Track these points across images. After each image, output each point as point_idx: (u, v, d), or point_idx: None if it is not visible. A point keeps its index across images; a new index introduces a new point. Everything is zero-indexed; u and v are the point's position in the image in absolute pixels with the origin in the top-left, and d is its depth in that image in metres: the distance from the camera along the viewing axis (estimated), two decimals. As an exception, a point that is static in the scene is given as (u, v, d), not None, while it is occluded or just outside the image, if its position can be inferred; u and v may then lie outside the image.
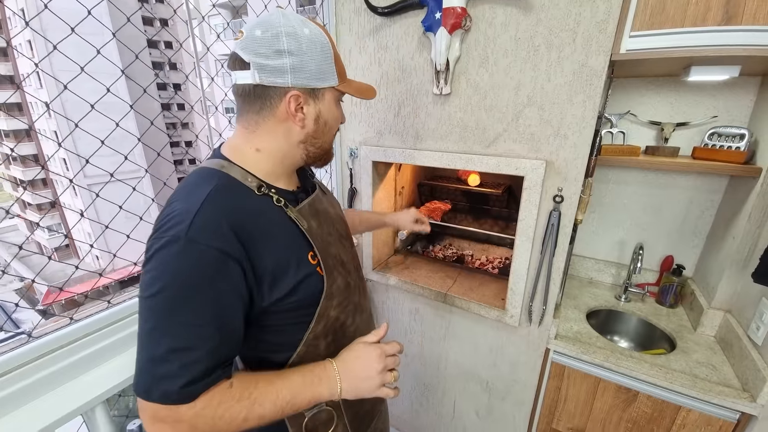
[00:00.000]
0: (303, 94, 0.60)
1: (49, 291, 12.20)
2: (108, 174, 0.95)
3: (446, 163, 1.23)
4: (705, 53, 0.90)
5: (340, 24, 1.33)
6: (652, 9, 0.90)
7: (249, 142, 0.63)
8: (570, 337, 1.26)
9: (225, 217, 0.54)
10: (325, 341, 0.68)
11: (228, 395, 0.53)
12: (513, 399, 1.42)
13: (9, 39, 11.39)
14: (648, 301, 1.51)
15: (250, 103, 0.61)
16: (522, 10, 1.00)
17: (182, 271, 0.50)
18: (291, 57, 0.57)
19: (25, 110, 14.67)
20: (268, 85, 0.58)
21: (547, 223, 1.12)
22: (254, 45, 0.56)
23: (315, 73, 0.60)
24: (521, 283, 1.22)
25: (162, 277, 0.50)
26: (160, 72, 16.29)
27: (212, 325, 0.52)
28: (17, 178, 15.99)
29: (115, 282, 13.64)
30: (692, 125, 1.34)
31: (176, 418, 0.50)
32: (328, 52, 0.61)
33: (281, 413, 0.58)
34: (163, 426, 0.50)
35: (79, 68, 0.82)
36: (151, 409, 0.50)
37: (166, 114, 16.57)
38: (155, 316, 0.50)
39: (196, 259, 0.51)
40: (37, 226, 15.29)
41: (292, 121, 0.62)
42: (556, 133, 1.05)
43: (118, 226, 0.95)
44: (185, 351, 0.50)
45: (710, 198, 1.38)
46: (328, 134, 0.68)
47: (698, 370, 1.11)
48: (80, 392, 0.76)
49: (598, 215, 1.61)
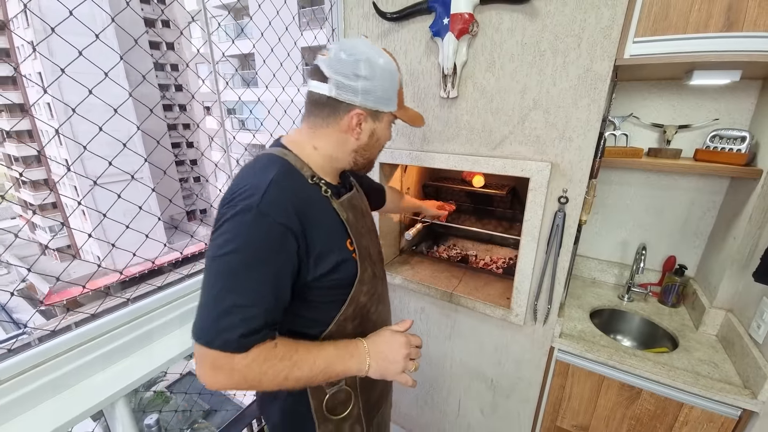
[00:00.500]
0: (365, 113, 0.70)
1: (50, 291, 12.23)
2: (109, 176, 0.95)
3: (453, 165, 1.26)
4: (707, 58, 0.92)
5: (348, 29, 1.36)
6: (655, 16, 0.93)
7: (309, 140, 0.72)
8: (574, 336, 1.29)
9: (288, 198, 0.62)
10: (352, 324, 0.75)
11: (273, 354, 0.61)
12: (518, 397, 1.44)
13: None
14: (650, 301, 1.53)
15: (319, 109, 0.70)
16: (528, 16, 1.03)
17: (253, 239, 0.58)
18: (365, 81, 0.67)
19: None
20: (339, 100, 0.67)
21: (552, 224, 1.15)
22: (337, 65, 0.66)
23: (380, 99, 0.70)
24: (526, 282, 1.24)
25: (235, 240, 0.58)
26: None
27: (270, 289, 0.60)
28: (19, 179, 16.05)
29: (116, 283, 13.69)
30: (694, 128, 1.36)
31: (232, 366, 0.58)
32: (395, 82, 0.72)
33: (314, 379, 0.65)
34: (221, 373, 0.58)
35: (76, 68, 0.83)
36: (212, 357, 0.57)
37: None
38: (224, 275, 0.58)
39: (265, 231, 0.59)
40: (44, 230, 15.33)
41: (349, 133, 0.71)
42: (561, 136, 1.07)
43: (118, 225, 0.98)
44: (246, 307, 0.58)
45: (712, 199, 1.40)
46: (377, 149, 0.79)
47: (700, 367, 1.13)
48: (102, 387, 0.79)
49: (601, 216, 1.63)
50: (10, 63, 13.19)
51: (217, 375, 0.58)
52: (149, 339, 0.90)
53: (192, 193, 18.24)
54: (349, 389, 0.77)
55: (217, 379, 0.58)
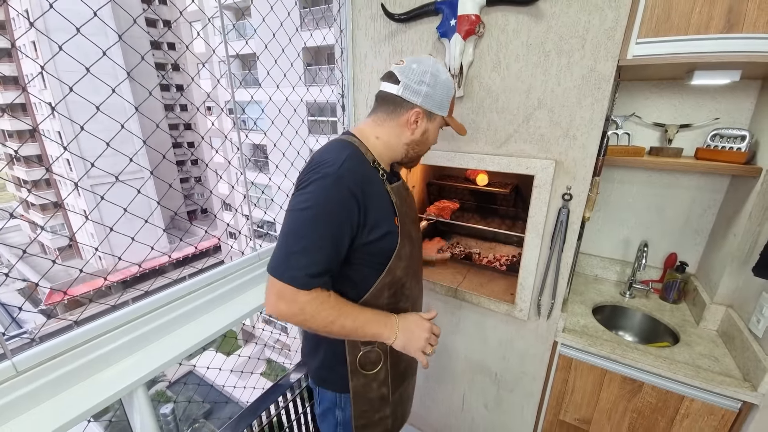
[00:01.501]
0: (423, 113, 0.84)
1: (51, 291, 12.27)
2: (112, 174, 0.98)
3: (459, 163, 1.28)
4: (708, 59, 0.95)
5: (356, 29, 1.38)
6: (657, 17, 0.96)
7: (373, 131, 0.86)
8: (577, 331, 1.31)
9: (358, 171, 0.77)
10: (388, 293, 0.87)
11: (327, 300, 0.76)
12: (521, 391, 1.46)
13: (13, 40, 11.47)
14: (652, 297, 1.56)
15: (386, 104, 0.85)
16: (533, 18, 1.06)
17: (330, 198, 0.72)
18: (427, 87, 0.82)
19: (30, 110, 14.75)
20: (404, 99, 0.82)
21: (556, 220, 1.17)
22: (408, 72, 0.82)
23: (437, 104, 0.85)
24: (530, 278, 1.27)
25: (313, 198, 0.72)
26: (163, 73, 16.40)
27: (332, 242, 0.74)
28: (20, 179, 16.08)
29: (118, 282, 13.71)
30: (695, 127, 1.39)
31: (293, 298, 0.72)
32: (450, 93, 0.88)
33: (353, 333, 0.80)
34: (283, 302, 0.73)
35: (83, 69, 0.82)
36: (279, 287, 0.72)
37: (170, 114, 16.69)
38: (300, 224, 0.72)
39: (340, 193, 0.73)
40: (42, 229, 15.37)
41: (407, 128, 0.85)
42: (565, 134, 1.10)
43: (120, 226, 0.98)
44: (314, 252, 0.72)
45: (712, 197, 1.43)
46: (425, 147, 0.93)
47: (701, 361, 1.16)
48: (121, 376, 0.81)
49: (603, 214, 1.66)
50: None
51: (279, 303, 0.73)
52: (166, 330, 0.93)
53: (193, 192, 18.26)
54: (380, 351, 0.90)
55: (278, 306, 0.73)
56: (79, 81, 0.86)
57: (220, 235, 12.33)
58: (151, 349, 0.88)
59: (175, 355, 0.88)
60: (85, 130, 0.80)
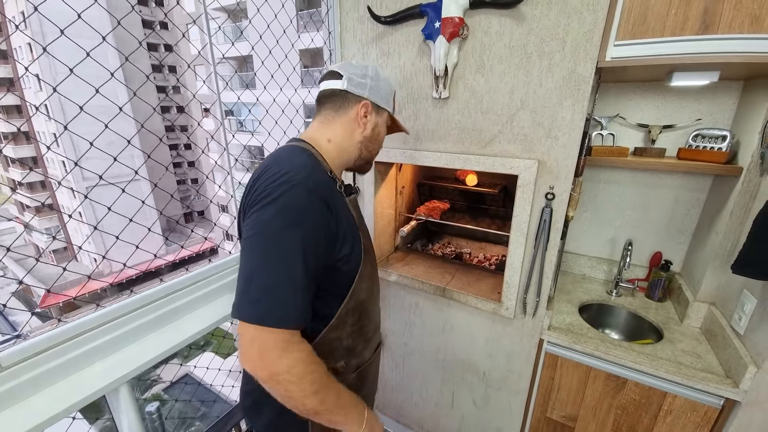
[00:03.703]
0: (372, 105, 0.83)
1: (46, 294, 12.18)
2: (104, 177, 0.96)
3: (445, 163, 1.30)
4: (684, 60, 0.97)
5: (344, 32, 1.40)
6: (634, 20, 0.98)
7: (323, 134, 0.81)
8: (563, 329, 1.33)
9: (324, 182, 0.71)
10: (352, 318, 0.80)
11: (317, 361, 0.65)
12: (509, 389, 1.48)
13: (8, 36, 11.42)
14: (638, 296, 1.58)
15: (332, 102, 0.82)
16: (515, 21, 1.08)
17: (307, 212, 0.64)
18: (371, 80, 0.83)
19: (25, 113, 14.69)
20: (350, 92, 0.81)
21: (539, 219, 1.19)
22: (349, 67, 0.82)
23: (383, 98, 0.86)
24: (516, 276, 1.29)
25: (291, 214, 0.62)
26: (158, 75, 16.38)
27: (315, 263, 0.66)
28: (15, 181, 15.99)
29: (113, 285, 13.62)
30: (678, 128, 1.41)
31: (284, 349, 0.60)
32: (392, 91, 0.90)
33: (326, 412, 0.66)
34: (273, 354, 0.59)
35: (80, 72, 0.84)
36: (262, 336, 0.59)
37: (165, 116, 16.66)
38: (280, 247, 0.61)
39: (316, 206, 0.65)
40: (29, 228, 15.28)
41: (357, 123, 0.82)
42: (547, 135, 1.12)
43: (115, 227, 0.97)
44: (299, 281, 0.62)
45: (696, 196, 1.45)
46: (377, 144, 0.90)
47: (683, 358, 1.17)
48: (105, 373, 0.82)
49: (590, 214, 1.68)
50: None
51: (265, 357, 0.59)
52: (151, 328, 0.93)
53: (189, 194, 18.21)
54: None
55: (264, 361, 0.59)
56: (63, 81, 0.87)
57: (217, 237, 12.29)
58: (136, 347, 0.88)
59: (159, 353, 0.88)
60: (69, 131, 0.81)
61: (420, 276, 1.56)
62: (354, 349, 0.83)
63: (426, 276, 1.56)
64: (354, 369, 0.85)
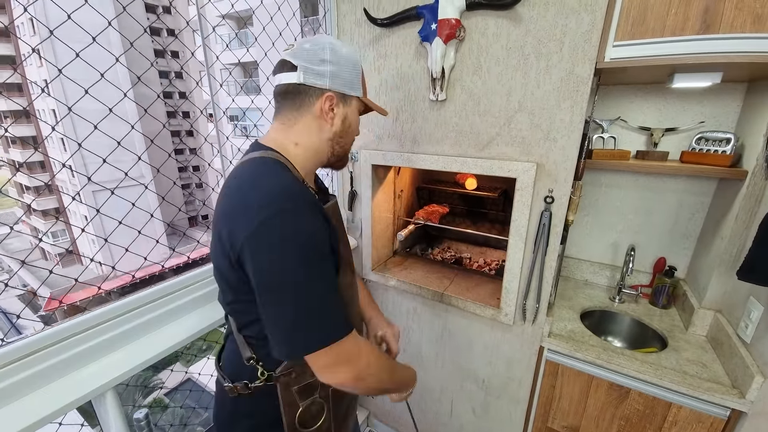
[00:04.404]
0: (336, 96, 0.72)
1: (50, 298, 12.25)
2: (113, 181, 0.98)
3: (442, 166, 1.28)
4: (685, 61, 0.95)
5: (342, 35, 1.39)
6: (633, 20, 0.96)
7: (288, 137, 0.72)
8: (563, 336, 1.29)
9: (310, 196, 0.65)
10: None
11: (375, 347, 0.73)
12: (509, 397, 1.44)
13: (21, 44, 11.59)
14: (641, 302, 1.54)
15: (290, 100, 0.71)
16: (512, 22, 1.06)
17: (312, 234, 0.61)
18: (331, 65, 0.70)
19: (32, 116, 14.90)
20: (309, 85, 0.69)
21: (538, 223, 1.17)
22: (303, 53, 0.69)
23: (347, 82, 0.73)
24: (515, 281, 1.26)
25: (303, 230, 0.59)
26: (165, 80, 16.60)
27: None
28: (23, 185, 16.20)
29: (117, 289, 13.69)
30: (680, 130, 1.38)
31: (354, 352, 0.65)
32: (359, 70, 0.76)
33: (400, 386, 0.82)
34: (345, 364, 0.64)
35: (88, 77, 0.85)
36: (331, 353, 0.61)
37: (171, 122, 16.85)
38: (305, 262, 0.59)
39: (319, 227, 0.62)
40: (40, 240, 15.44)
41: (324, 119, 0.72)
42: (545, 137, 1.10)
43: (121, 233, 0.98)
44: (333, 291, 0.63)
45: (700, 201, 1.42)
46: (350, 136, 0.80)
47: (688, 367, 1.14)
48: (92, 378, 0.80)
49: (592, 218, 1.65)
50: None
51: (339, 369, 0.62)
52: (141, 333, 0.92)
53: (194, 198, 18.33)
54: (322, 401, 0.77)
55: (340, 374, 0.62)
56: (53, 81, 0.87)
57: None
58: (123, 353, 0.87)
59: (147, 359, 0.87)
60: (57, 131, 0.80)
61: (418, 281, 1.53)
62: None
63: (424, 281, 1.54)
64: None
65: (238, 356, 0.71)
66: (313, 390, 0.75)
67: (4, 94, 1.21)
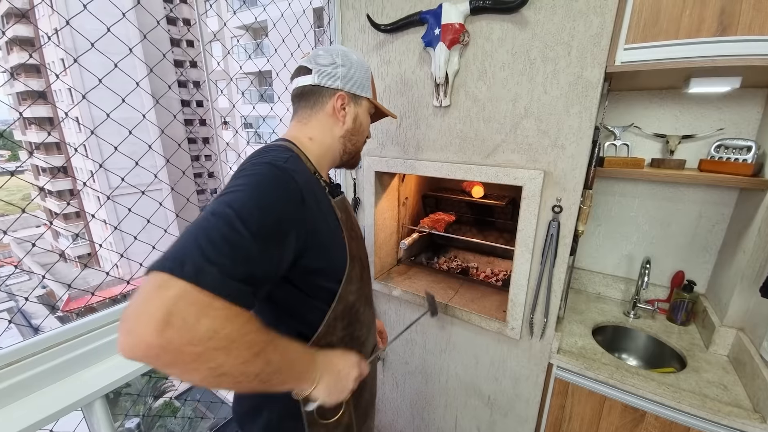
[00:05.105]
0: (348, 96, 0.79)
1: (69, 298, 12.56)
2: (131, 186, 1.00)
3: (446, 173, 1.25)
4: (701, 64, 0.90)
5: (345, 41, 1.39)
6: (645, 22, 0.92)
7: (303, 133, 0.77)
8: (574, 353, 1.23)
9: (305, 175, 0.66)
10: (341, 324, 0.75)
11: (251, 319, 0.51)
12: (515, 415, 1.37)
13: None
14: (658, 318, 1.46)
15: (306, 99, 0.78)
16: (518, 26, 1.03)
17: (273, 185, 0.58)
18: (342, 68, 0.77)
19: (56, 123, 15.50)
20: (323, 86, 0.77)
21: (546, 234, 1.12)
22: (317, 59, 0.77)
23: (358, 84, 0.80)
24: (521, 294, 1.21)
25: (255, 182, 0.57)
26: (182, 89, 17.09)
27: (275, 240, 0.55)
28: (46, 189, 16.78)
29: (131, 292, 13.93)
30: (698, 138, 1.32)
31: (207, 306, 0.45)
32: (368, 74, 0.84)
33: (272, 375, 0.54)
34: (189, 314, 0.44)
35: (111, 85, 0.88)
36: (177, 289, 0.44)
37: (187, 128, 17.29)
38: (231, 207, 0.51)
39: (287, 184, 0.59)
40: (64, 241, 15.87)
41: (336, 117, 0.78)
42: (553, 144, 1.05)
43: (135, 231, 1.03)
44: (247, 248, 0.50)
45: (720, 212, 1.34)
46: (361, 135, 0.86)
47: (708, 389, 1.06)
48: (81, 386, 0.79)
49: (604, 229, 1.58)
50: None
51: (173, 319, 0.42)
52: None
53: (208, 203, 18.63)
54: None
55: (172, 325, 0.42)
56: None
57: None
58: (114, 360, 0.85)
59: (137, 367, 0.85)
60: (51, 135, 0.80)
61: (421, 291, 1.49)
62: None
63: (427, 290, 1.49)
64: None
65: None
66: None
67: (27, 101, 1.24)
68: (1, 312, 11.17)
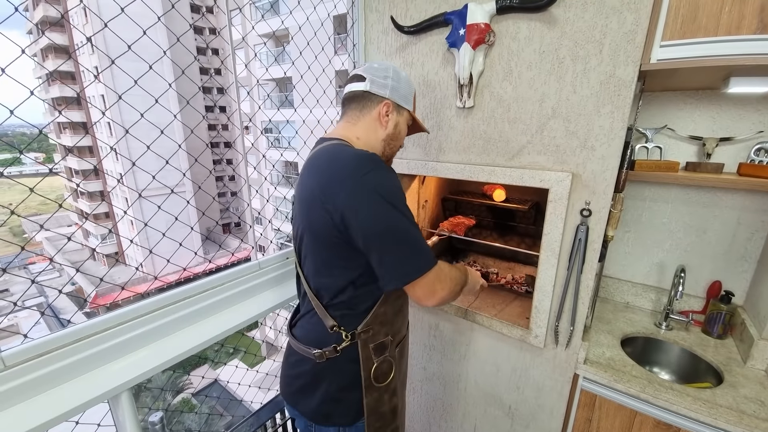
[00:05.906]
0: (392, 105, 0.89)
1: (97, 295, 13.06)
2: (162, 184, 1.06)
3: (468, 175, 1.23)
4: (742, 62, 0.85)
5: (369, 44, 1.39)
6: (683, 18, 0.88)
7: (352, 132, 0.89)
8: (602, 364, 1.18)
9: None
10: (395, 294, 0.88)
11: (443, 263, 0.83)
12: (538, 427, 1.33)
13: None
14: (693, 331, 1.38)
15: (356, 102, 0.89)
16: (546, 24, 1.01)
17: (399, 186, 0.76)
18: (392, 81, 0.89)
19: (90, 131, 16.26)
20: (373, 93, 0.88)
21: (574, 238, 1.08)
22: (371, 70, 0.89)
23: (402, 97, 0.91)
24: (546, 300, 1.17)
25: (395, 194, 0.74)
26: (207, 95, 17.64)
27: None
28: (78, 190, 17.55)
29: (156, 290, 14.39)
30: (737, 140, 1.25)
31: (439, 274, 0.78)
32: (412, 90, 0.96)
33: (472, 285, 1.01)
34: (439, 285, 0.79)
35: (142, 92, 0.92)
36: (428, 277, 0.75)
37: (210, 133, 17.80)
38: (403, 214, 0.74)
39: (398, 180, 0.78)
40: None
41: (380, 122, 0.89)
42: (582, 145, 1.02)
43: (160, 236, 1.09)
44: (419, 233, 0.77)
45: (760, 219, 1.27)
46: (398, 141, 0.96)
47: (746, 405, 1.00)
48: (108, 378, 0.81)
49: (634, 235, 1.52)
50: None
51: (437, 289, 0.78)
52: (160, 334, 0.92)
53: (229, 206, 19.11)
54: (391, 360, 0.89)
55: (437, 293, 0.78)
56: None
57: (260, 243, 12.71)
58: (140, 354, 0.87)
59: (163, 361, 0.86)
60: (88, 134, 0.83)
61: (441, 295, 1.46)
62: (394, 323, 0.90)
63: (448, 295, 1.47)
64: (397, 343, 0.92)
65: (322, 326, 0.83)
66: (385, 349, 0.86)
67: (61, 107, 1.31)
68: (32, 307, 11.72)
